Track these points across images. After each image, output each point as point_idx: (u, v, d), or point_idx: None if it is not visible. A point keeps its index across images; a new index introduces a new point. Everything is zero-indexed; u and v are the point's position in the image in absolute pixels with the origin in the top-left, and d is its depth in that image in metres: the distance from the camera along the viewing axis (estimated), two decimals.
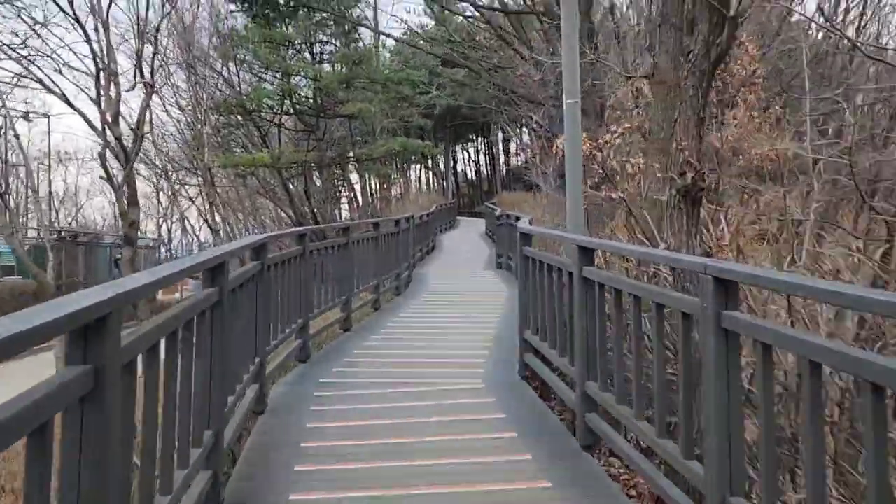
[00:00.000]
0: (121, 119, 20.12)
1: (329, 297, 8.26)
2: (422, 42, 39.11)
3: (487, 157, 69.73)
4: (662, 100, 8.62)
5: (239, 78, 23.61)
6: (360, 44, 26.37)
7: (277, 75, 23.27)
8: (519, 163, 58.92)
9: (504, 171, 64.52)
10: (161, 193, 49.69)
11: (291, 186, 26.96)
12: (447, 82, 35.88)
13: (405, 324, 9.39)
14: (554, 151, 8.97)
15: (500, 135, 52.24)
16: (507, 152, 64.80)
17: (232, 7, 24.72)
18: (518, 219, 14.46)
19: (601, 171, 7.71)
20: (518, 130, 45.24)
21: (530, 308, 6.14)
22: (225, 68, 24.17)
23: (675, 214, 4.63)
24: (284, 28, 23.70)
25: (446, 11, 35.53)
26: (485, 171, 70.78)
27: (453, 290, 12.90)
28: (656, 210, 8.59)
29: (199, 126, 24.58)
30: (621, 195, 7.63)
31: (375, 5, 26.34)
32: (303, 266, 7.04)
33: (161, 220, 53.34)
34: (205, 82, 25.04)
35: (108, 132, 18.87)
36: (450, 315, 10.08)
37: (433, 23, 42.83)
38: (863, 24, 19.32)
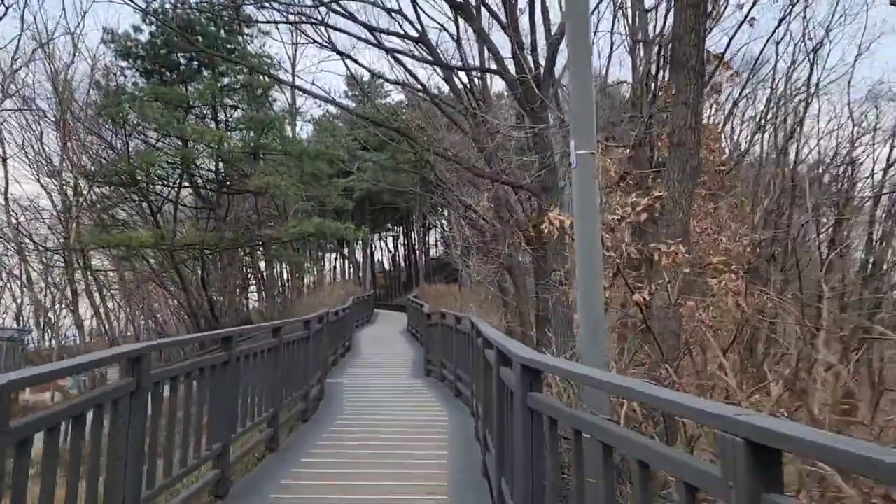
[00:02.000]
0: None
1: (191, 451, 5.22)
2: (340, 124, 37.10)
3: (406, 248, 67.63)
4: (681, 167, 6.22)
5: (128, 144, 20.34)
6: (273, 111, 23.53)
7: (174, 141, 20.11)
8: (438, 253, 56.98)
9: (423, 261, 62.40)
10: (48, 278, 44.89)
11: (189, 272, 23.54)
12: (369, 165, 33.63)
13: (314, 477, 6.35)
14: (546, 228, 6.32)
15: (421, 224, 50.11)
16: (425, 242, 62.89)
17: (123, 64, 21.65)
18: (455, 320, 11.87)
19: (616, 260, 5.17)
20: (440, 219, 43.29)
21: None
22: (111, 133, 20.90)
23: None
24: (186, 91, 20.79)
25: (373, 88, 33.77)
26: (402, 262, 68.50)
27: (378, 414, 9.87)
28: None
29: (71, 196, 20.90)
30: (645, 301, 5.04)
31: (293, 68, 23.80)
32: (135, 411, 4.07)
33: (49, 307, 47.94)
34: (83, 146, 21.61)
35: None
36: (378, 458, 7.10)
37: (353, 104, 41.10)
38: None
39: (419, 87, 14.74)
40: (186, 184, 21.23)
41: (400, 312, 39.18)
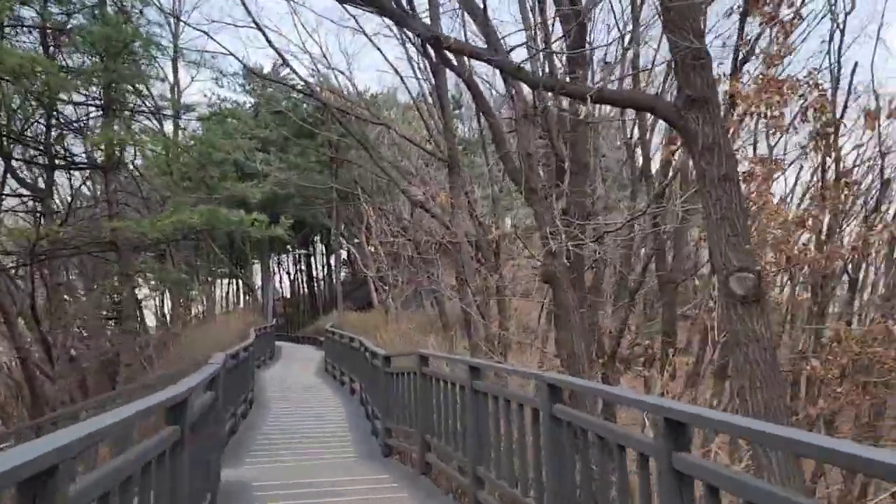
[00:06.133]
0: None
1: None
2: (233, 122, 31.08)
3: (306, 274, 61.23)
4: None
5: None
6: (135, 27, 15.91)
7: None
8: (344, 276, 51.04)
9: (327, 287, 56.26)
10: None
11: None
12: (272, 169, 27.51)
13: None
14: None
15: (335, 241, 44.03)
16: (329, 266, 56.82)
17: None
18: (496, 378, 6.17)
19: None
20: (354, 236, 37.51)
21: None
22: None
23: None
24: None
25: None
26: (304, 288, 62.00)
27: None
28: None
29: None
30: None
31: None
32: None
33: None
34: None
35: None
36: None
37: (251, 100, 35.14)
38: None
39: None
40: None
41: (307, 346, 33.18)
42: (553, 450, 4.33)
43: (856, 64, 13.95)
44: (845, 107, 14.00)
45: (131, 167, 17.63)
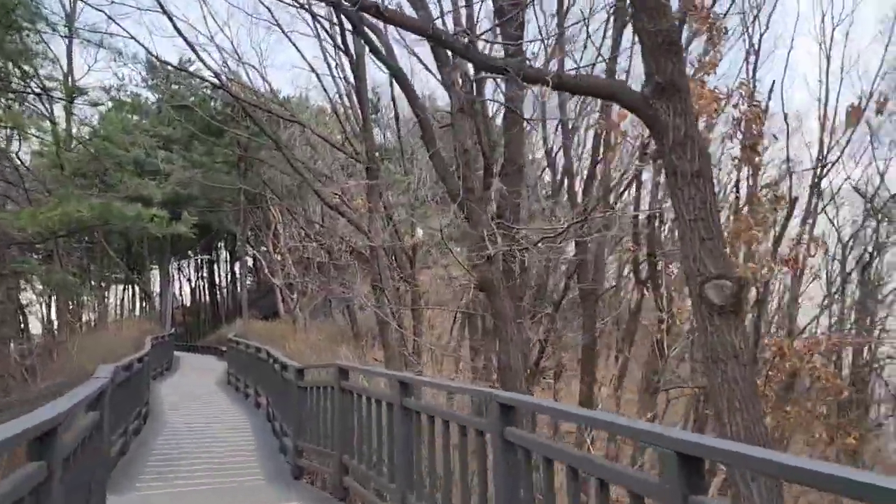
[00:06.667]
0: None
1: None
2: (135, 118, 29.50)
3: (208, 281, 58.83)
4: None
5: None
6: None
7: None
8: (249, 284, 49.31)
9: (230, 295, 54.21)
10: None
11: None
12: (176, 167, 25.99)
13: None
14: None
15: (230, 253, 42.29)
16: (234, 273, 54.82)
17: None
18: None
19: None
20: (261, 243, 36.10)
21: None
22: None
23: None
24: None
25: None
26: (206, 296, 59.50)
27: None
28: None
29: None
30: None
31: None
32: None
33: None
34: None
35: None
36: None
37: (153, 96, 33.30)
38: None
39: None
40: None
41: (208, 356, 31.60)
42: (506, 479, 3.74)
43: (773, 82, 14.22)
44: (762, 124, 14.21)
45: (14, 156, 16.05)
